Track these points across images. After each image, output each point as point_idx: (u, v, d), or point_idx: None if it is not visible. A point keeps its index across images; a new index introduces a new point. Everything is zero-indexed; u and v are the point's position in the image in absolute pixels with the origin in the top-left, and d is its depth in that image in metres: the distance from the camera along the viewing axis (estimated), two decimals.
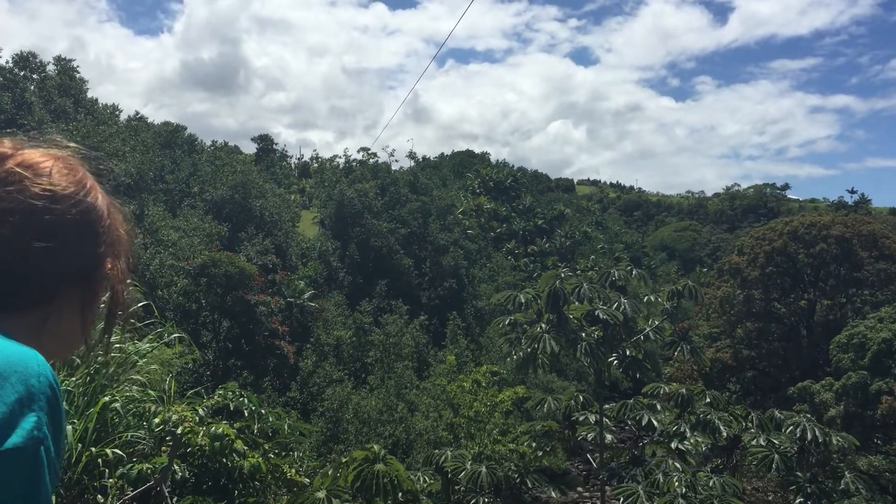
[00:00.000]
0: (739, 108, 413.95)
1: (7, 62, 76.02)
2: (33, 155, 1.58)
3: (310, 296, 58.53)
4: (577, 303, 19.33)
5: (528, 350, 18.54)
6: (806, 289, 60.25)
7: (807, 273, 59.16)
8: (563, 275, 20.26)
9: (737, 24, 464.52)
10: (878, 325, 46.12)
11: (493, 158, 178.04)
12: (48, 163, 1.57)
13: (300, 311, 56.22)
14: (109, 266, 1.63)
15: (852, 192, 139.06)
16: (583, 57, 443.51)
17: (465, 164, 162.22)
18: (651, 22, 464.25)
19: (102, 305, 1.72)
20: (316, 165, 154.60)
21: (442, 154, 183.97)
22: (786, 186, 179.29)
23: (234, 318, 48.24)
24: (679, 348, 19.41)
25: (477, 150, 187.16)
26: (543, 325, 18.76)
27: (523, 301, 19.09)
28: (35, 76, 78.90)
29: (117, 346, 7.07)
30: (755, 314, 59.06)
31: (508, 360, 21.62)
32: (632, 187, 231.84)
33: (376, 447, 14.24)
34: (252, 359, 48.85)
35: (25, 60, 78.02)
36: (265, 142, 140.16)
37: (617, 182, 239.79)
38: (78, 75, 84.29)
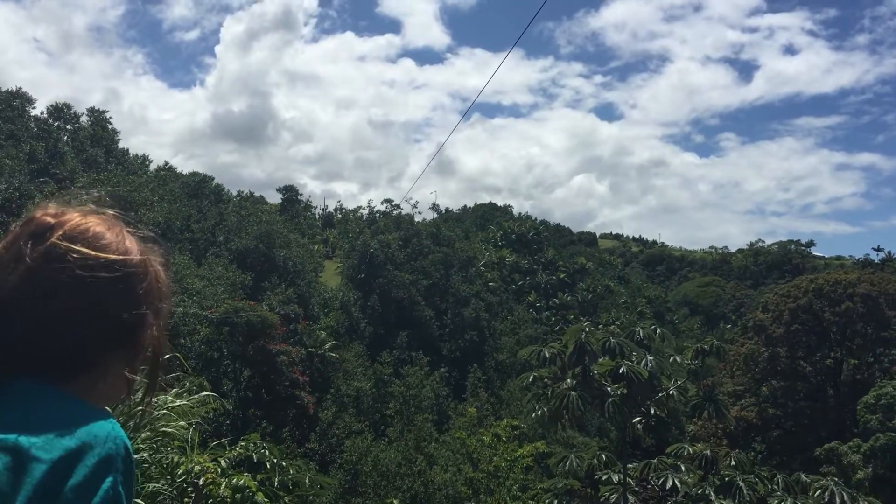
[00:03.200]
0: (764, 164, 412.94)
1: (42, 113, 78.07)
2: (75, 222, 1.62)
3: (331, 346, 58.54)
4: (603, 357, 19.19)
5: (555, 407, 18.37)
6: (832, 347, 59.30)
7: (833, 331, 58.31)
8: (587, 329, 20.13)
9: (762, 81, 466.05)
10: None
11: (515, 211, 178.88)
12: (90, 231, 1.62)
13: (321, 362, 56.17)
14: (150, 324, 1.68)
15: (878, 249, 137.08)
16: (607, 112, 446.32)
17: (487, 217, 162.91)
18: (676, 79, 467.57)
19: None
20: (340, 216, 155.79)
21: (465, 206, 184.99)
22: (811, 243, 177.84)
23: (255, 368, 48.27)
24: (706, 411, 19.15)
25: (500, 203, 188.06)
26: (570, 381, 18.63)
27: (548, 356, 18.98)
28: (69, 127, 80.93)
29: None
30: (780, 372, 58.13)
31: (534, 415, 21.40)
32: (654, 242, 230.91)
33: (396, 502, 14.10)
34: (272, 409, 48.70)
35: (60, 111, 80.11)
36: (290, 192, 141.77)
37: (640, 236, 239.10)
38: (111, 126, 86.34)
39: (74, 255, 1.55)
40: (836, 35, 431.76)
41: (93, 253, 1.57)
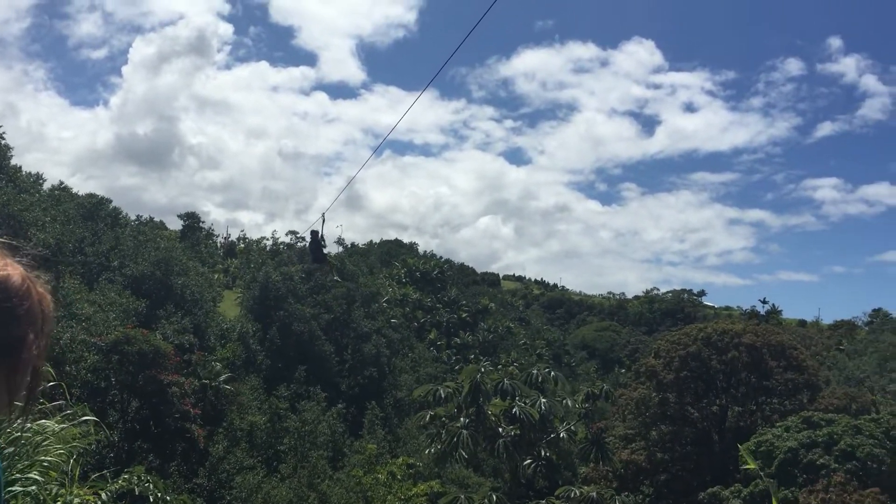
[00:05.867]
0: (662, 215, 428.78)
1: None
2: None
3: (226, 378, 56.98)
4: (497, 398, 19.43)
5: (447, 445, 18.48)
6: (718, 394, 61.52)
7: (719, 379, 60.53)
8: (483, 369, 20.38)
9: (663, 136, 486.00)
10: (785, 434, 47.34)
11: (421, 249, 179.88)
12: None
13: (215, 394, 54.56)
14: (31, 344, 1.81)
15: (764, 302, 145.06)
16: (516, 157, 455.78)
17: (392, 254, 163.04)
18: (583, 129, 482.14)
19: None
20: (242, 246, 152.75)
21: (371, 242, 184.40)
22: (702, 293, 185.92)
23: (145, 399, 46.54)
24: (592, 454, 19.67)
25: (406, 241, 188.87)
26: (463, 420, 18.79)
27: (443, 395, 19.13)
28: None
29: (25, 426, 6.88)
30: (670, 417, 59.85)
31: (427, 453, 21.48)
32: (556, 285, 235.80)
33: None
34: (160, 441, 46.98)
35: None
36: (192, 219, 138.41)
37: (542, 279, 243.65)
38: (3, 141, 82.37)
39: None
40: (733, 96, 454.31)
41: None
